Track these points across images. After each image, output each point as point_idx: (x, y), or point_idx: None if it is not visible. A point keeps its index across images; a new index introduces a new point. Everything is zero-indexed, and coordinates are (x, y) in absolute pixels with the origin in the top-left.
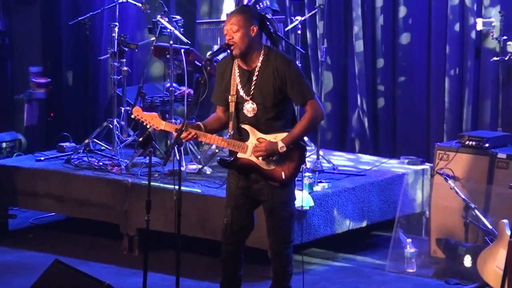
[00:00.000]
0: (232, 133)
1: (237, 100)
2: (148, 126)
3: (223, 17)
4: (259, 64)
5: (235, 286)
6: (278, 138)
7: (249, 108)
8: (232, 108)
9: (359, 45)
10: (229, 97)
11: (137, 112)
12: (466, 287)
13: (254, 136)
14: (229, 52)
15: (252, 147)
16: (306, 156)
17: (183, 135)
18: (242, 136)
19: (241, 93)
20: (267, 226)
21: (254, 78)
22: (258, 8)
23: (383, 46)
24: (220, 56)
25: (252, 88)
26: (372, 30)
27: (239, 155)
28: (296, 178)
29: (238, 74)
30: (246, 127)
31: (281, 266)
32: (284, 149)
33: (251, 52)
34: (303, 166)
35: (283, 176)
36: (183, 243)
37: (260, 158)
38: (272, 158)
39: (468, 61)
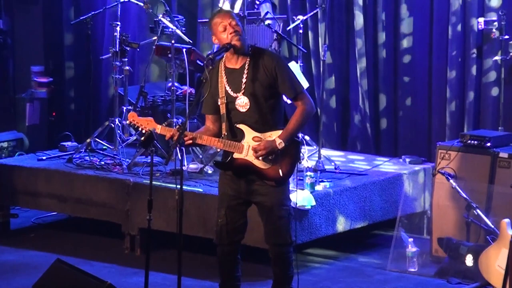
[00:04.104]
0: (225, 134)
1: (227, 101)
2: (143, 131)
3: None
4: (247, 61)
5: (234, 287)
6: (273, 136)
7: (242, 102)
8: (223, 110)
9: (360, 45)
10: (218, 100)
11: (133, 118)
12: (468, 286)
13: (250, 135)
14: (233, 49)
15: (249, 147)
16: (302, 152)
17: (177, 136)
18: (236, 136)
19: (230, 91)
20: (266, 229)
21: (245, 74)
22: (258, 2)
23: (385, 45)
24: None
25: (244, 83)
26: (374, 30)
27: (235, 155)
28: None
29: (225, 74)
30: (241, 126)
31: (282, 269)
32: (283, 145)
33: (246, 49)
34: (300, 163)
35: (281, 174)
36: (184, 242)
37: (261, 158)
38: (271, 157)
39: (470, 60)
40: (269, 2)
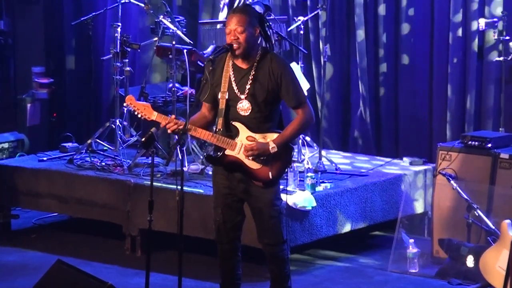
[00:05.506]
0: (220, 129)
1: (228, 97)
2: (139, 116)
3: (221, 17)
4: (255, 64)
5: (235, 286)
6: (268, 138)
7: (243, 107)
8: (222, 104)
9: (361, 46)
10: (219, 93)
11: (130, 101)
12: (469, 287)
13: (244, 134)
14: (231, 52)
15: (242, 145)
16: (293, 156)
17: (173, 126)
18: (231, 133)
19: (235, 91)
20: (258, 229)
21: (251, 77)
22: (249, 2)
23: (386, 47)
24: None
25: (248, 87)
26: (375, 31)
27: (227, 152)
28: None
29: (232, 71)
30: (237, 124)
31: (277, 267)
32: (275, 150)
33: (251, 52)
34: (290, 167)
35: (270, 176)
36: (185, 243)
37: (250, 158)
38: (262, 158)
39: (471, 61)
40: (260, 5)
